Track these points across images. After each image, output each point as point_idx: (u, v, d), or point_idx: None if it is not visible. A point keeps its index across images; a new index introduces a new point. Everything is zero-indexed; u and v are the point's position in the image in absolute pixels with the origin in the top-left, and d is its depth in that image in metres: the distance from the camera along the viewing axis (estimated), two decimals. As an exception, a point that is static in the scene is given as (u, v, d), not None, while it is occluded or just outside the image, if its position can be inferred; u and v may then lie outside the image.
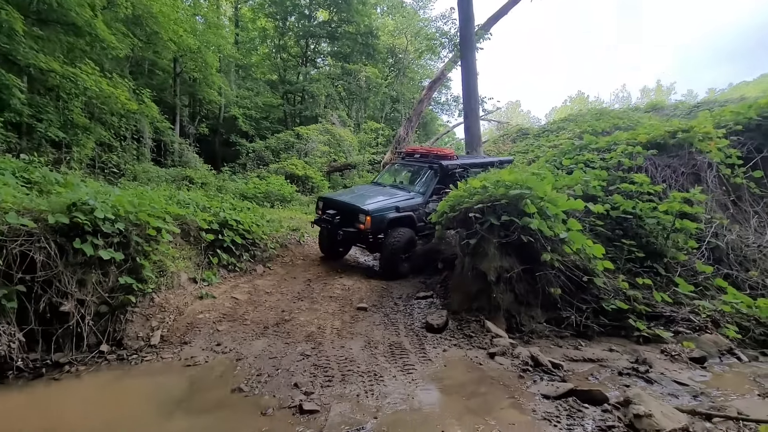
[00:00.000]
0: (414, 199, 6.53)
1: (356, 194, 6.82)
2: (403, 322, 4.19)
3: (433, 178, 6.90)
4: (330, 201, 6.56)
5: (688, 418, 2.21)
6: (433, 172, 6.97)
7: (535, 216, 4.22)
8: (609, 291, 4.36)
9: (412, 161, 7.68)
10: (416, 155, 7.71)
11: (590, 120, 14.16)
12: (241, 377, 3.01)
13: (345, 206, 6.23)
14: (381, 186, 7.46)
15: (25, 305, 3.47)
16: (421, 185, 6.94)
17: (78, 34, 8.69)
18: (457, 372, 3.03)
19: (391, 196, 6.56)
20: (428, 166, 7.15)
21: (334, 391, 2.72)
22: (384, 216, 5.95)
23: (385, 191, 6.92)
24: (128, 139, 13.43)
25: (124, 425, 2.50)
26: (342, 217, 6.10)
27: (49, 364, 3.34)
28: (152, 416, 2.58)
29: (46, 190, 4.86)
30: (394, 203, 6.22)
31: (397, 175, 7.94)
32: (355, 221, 5.91)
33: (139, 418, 2.58)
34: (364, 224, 5.80)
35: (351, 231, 5.91)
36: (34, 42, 7.87)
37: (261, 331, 3.95)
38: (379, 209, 5.98)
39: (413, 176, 7.47)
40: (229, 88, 20.05)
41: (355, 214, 5.95)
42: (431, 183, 6.83)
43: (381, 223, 5.88)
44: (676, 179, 6.13)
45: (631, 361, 3.43)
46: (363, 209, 5.89)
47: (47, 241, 3.65)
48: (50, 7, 8.26)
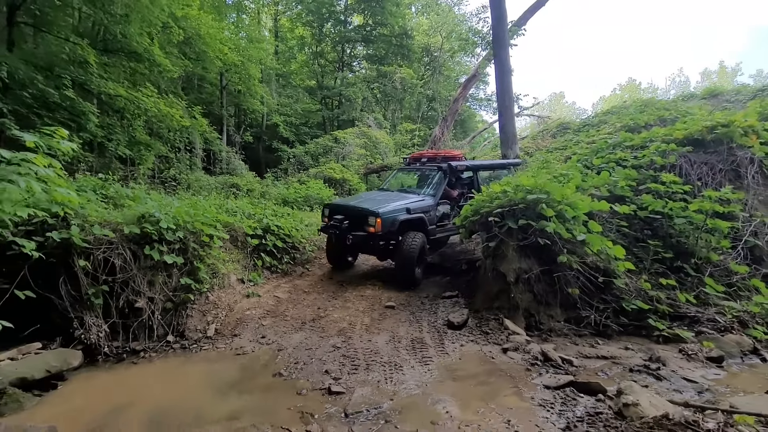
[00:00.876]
0: (424, 200, 6.44)
1: (364, 199, 6.76)
2: (427, 320, 4.57)
3: (442, 179, 6.85)
4: (337, 207, 6.47)
5: (680, 409, 2.43)
6: (442, 173, 6.91)
7: (552, 219, 4.44)
8: (630, 291, 4.47)
9: (418, 166, 7.63)
10: (423, 160, 7.65)
11: (633, 113, 13.61)
12: (282, 364, 3.54)
13: (353, 210, 6.11)
14: (389, 191, 7.36)
15: (108, 302, 4.23)
16: (430, 187, 6.88)
17: (138, 60, 9.81)
18: (470, 364, 3.37)
19: (401, 198, 6.48)
20: (436, 168, 7.08)
21: (359, 378, 3.17)
22: (395, 218, 5.82)
23: (393, 195, 6.86)
24: (182, 151, 14.78)
25: (189, 401, 3.09)
26: (350, 222, 5.93)
27: (128, 350, 4.06)
28: (210, 395, 3.15)
29: (119, 204, 5.73)
30: (404, 205, 6.11)
31: (404, 180, 7.83)
32: (365, 224, 5.75)
33: (200, 396, 3.16)
34: (374, 227, 5.65)
35: (361, 235, 5.73)
36: (103, 70, 9.03)
37: (299, 326, 4.49)
38: (389, 211, 5.86)
39: (421, 180, 7.41)
40: (270, 97, 21.24)
41: (364, 217, 5.80)
42: (440, 185, 6.79)
43: (392, 225, 5.76)
44: (713, 177, 5.99)
45: (644, 359, 3.59)
46: (373, 211, 5.75)
47: (124, 248, 4.40)
48: (115, 38, 9.44)
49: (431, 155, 7.66)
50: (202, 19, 11.11)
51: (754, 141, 6.06)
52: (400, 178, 7.97)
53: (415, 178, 7.64)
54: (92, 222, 4.36)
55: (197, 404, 2.98)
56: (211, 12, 12.38)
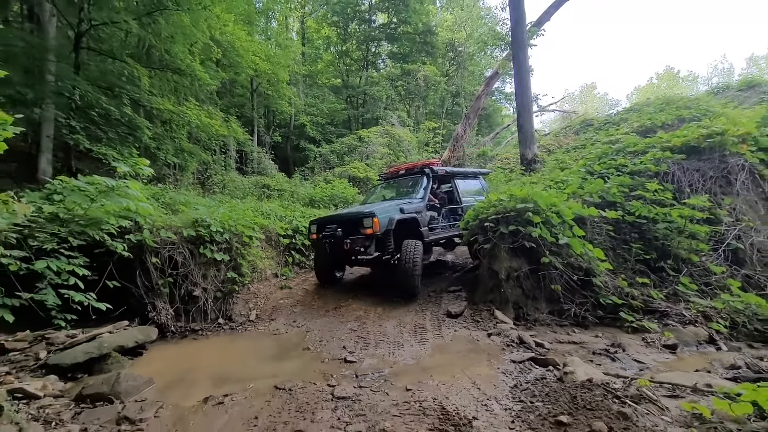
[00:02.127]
0: (413, 203, 6.48)
1: (352, 209, 6.86)
2: (431, 310, 5.45)
3: (426, 182, 6.97)
4: (325, 220, 6.46)
5: (606, 377, 3.22)
6: (426, 177, 7.07)
7: (539, 225, 5.20)
8: (608, 288, 5.19)
9: (398, 176, 7.76)
10: (400, 173, 7.78)
11: (653, 111, 13.78)
12: (309, 342, 4.54)
13: (346, 217, 6.14)
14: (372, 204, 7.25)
15: (173, 291, 5.37)
16: (415, 191, 6.93)
17: (182, 75, 11.07)
18: (458, 345, 4.25)
19: (390, 202, 6.58)
20: (419, 172, 7.27)
21: (369, 352, 4.11)
22: (391, 217, 5.85)
23: (381, 203, 6.88)
24: (217, 153, 16.18)
25: (239, 366, 4.12)
26: (344, 229, 5.95)
27: (189, 330, 5.19)
28: (255, 362, 4.18)
29: (174, 209, 6.91)
30: (396, 205, 6.19)
31: (386, 193, 7.78)
32: (360, 228, 5.76)
33: (247, 363, 4.19)
34: (372, 228, 5.63)
35: (358, 238, 5.74)
36: (152, 87, 10.33)
37: (323, 313, 5.48)
38: (383, 210, 5.94)
39: (404, 188, 7.45)
40: (298, 98, 22.44)
41: (359, 221, 5.81)
42: (426, 187, 6.90)
43: (390, 224, 5.79)
44: (703, 183, 6.51)
45: (607, 344, 4.34)
46: (368, 213, 5.77)
47: (183, 247, 5.53)
48: (161, 56, 10.73)
49: (408, 167, 7.78)
50: (236, 34, 12.26)
51: (744, 149, 6.53)
52: (381, 192, 7.92)
53: (398, 189, 7.59)
54: (159, 227, 5.50)
55: (245, 368, 4.01)
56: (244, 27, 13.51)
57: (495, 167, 17.13)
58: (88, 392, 3.20)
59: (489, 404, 2.81)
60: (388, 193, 7.64)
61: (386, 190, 7.83)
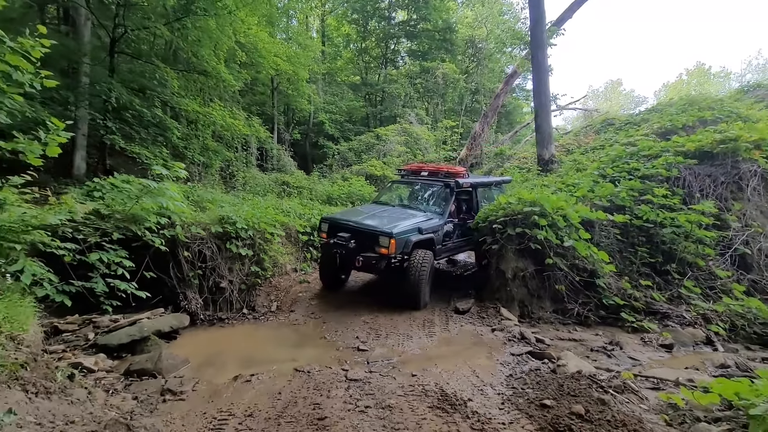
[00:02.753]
0: (433, 219, 6.26)
1: (369, 215, 6.38)
2: (440, 306, 5.82)
3: (449, 197, 6.68)
4: (340, 223, 6.10)
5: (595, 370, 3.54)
6: (449, 190, 6.76)
7: (545, 228, 5.49)
8: (612, 289, 5.45)
9: (419, 179, 7.39)
10: (423, 173, 7.42)
11: (675, 112, 13.66)
12: (326, 332, 4.98)
13: (362, 229, 5.81)
14: (389, 206, 6.99)
15: (202, 283, 5.89)
16: (437, 205, 6.74)
17: (207, 76, 11.66)
18: (463, 338, 4.61)
19: (410, 216, 6.23)
20: (443, 184, 6.91)
21: (380, 342, 4.52)
22: (408, 239, 5.64)
23: (398, 212, 6.55)
24: (239, 150, 16.83)
25: (262, 351, 4.59)
26: (358, 242, 5.67)
27: (217, 318, 5.69)
28: (276, 347, 4.64)
29: (202, 206, 7.46)
30: (415, 224, 5.91)
31: (403, 193, 7.55)
32: (375, 245, 5.52)
33: (269, 348, 4.65)
34: (387, 248, 5.40)
35: (372, 257, 5.51)
36: (180, 88, 10.96)
37: (339, 306, 5.92)
38: (402, 231, 5.64)
39: (424, 195, 7.21)
40: (317, 96, 22.96)
41: (375, 238, 5.56)
42: (448, 202, 6.62)
43: (405, 246, 5.58)
44: (714, 189, 6.65)
45: (605, 342, 4.64)
46: (386, 231, 5.50)
47: (211, 243, 6.04)
48: (188, 58, 11.35)
49: (432, 169, 7.47)
50: (259, 36, 12.79)
51: (757, 155, 6.63)
52: (398, 191, 7.70)
53: (417, 193, 7.39)
54: (189, 223, 6.02)
55: (268, 353, 4.47)
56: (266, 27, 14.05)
57: (512, 167, 17.26)
58: (134, 368, 3.72)
59: (484, 389, 3.18)
60: (406, 196, 7.41)
61: (404, 191, 7.60)
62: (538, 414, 2.68)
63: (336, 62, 28.07)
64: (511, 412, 2.76)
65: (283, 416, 2.74)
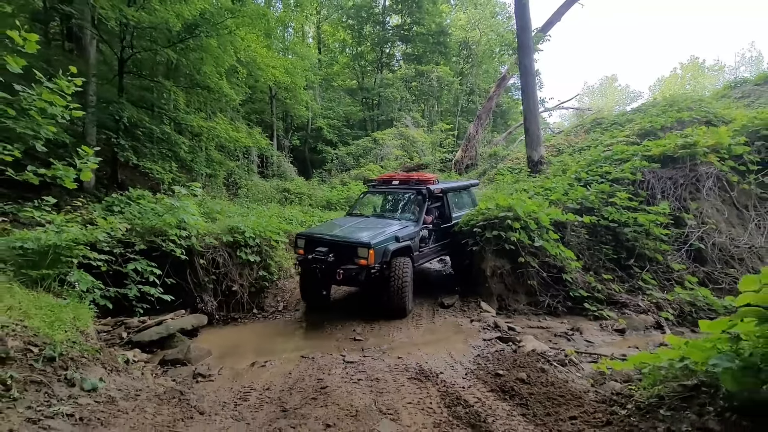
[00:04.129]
0: (408, 227, 6.45)
1: (345, 227, 6.47)
2: (428, 302, 6.62)
3: (422, 203, 6.91)
4: (316, 238, 6.15)
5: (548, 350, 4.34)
6: (422, 197, 6.99)
7: (518, 230, 6.29)
8: (577, 283, 6.25)
9: (391, 188, 7.56)
10: (393, 182, 7.59)
11: (656, 113, 14.43)
12: (327, 327, 5.79)
13: (339, 242, 5.89)
14: (363, 217, 7.22)
15: (216, 287, 6.71)
16: (411, 212, 6.95)
17: (210, 91, 12.50)
18: (445, 328, 5.42)
19: (386, 226, 6.39)
20: (415, 192, 7.13)
21: (373, 334, 5.32)
22: (386, 248, 5.79)
23: (374, 222, 6.75)
24: (241, 158, 17.68)
25: (272, 343, 5.38)
26: (336, 255, 5.76)
27: (230, 318, 6.51)
28: (285, 341, 5.45)
29: (212, 217, 8.28)
30: (392, 233, 6.08)
31: (377, 203, 7.76)
32: (354, 257, 5.65)
33: (278, 341, 5.45)
34: (366, 259, 5.53)
35: (352, 269, 5.62)
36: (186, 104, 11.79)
37: (339, 306, 6.73)
38: (380, 241, 5.76)
39: (397, 204, 7.44)
40: (314, 102, 23.80)
41: (353, 249, 5.68)
42: (421, 209, 6.84)
43: (384, 255, 5.73)
44: (674, 190, 7.44)
45: (568, 329, 5.43)
46: (364, 242, 5.64)
47: (223, 251, 6.86)
48: (192, 75, 12.19)
49: (403, 178, 7.66)
50: (257, 51, 13.62)
51: (711, 159, 7.42)
52: (371, 201, 7.92)
53: (388, 201, 7.67)
54: (203, 234, 6.84)
55: (278, 344, 5.29)
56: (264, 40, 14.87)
57: (505, 167, 18.05)
58: (168, 358, 4.54)
59: (455, 366, 3.99)
60: (380, 205, 7.68)
61: (377, 201, 7.85)
62: (491, 380, 3.48)
63: (332, 68, 28.91)
64: (471, 380, 3.56)
65: (294, 388, 3.55)
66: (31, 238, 4.14)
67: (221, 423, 2.79)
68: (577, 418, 2.73)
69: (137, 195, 8.55)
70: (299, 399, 3.25)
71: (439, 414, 2.94)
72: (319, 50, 27.54)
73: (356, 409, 2.95)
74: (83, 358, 2.91)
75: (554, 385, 3.24)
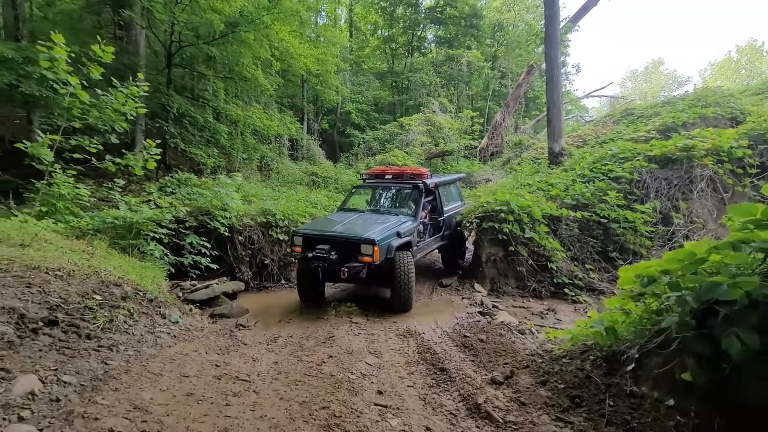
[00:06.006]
0: (407, 222, 6.59)
1: (344, 223, 6.51)
2: (430, 282, 7.80)
3: (418, 198, 7.12)
4: (317, 236, 6.15)
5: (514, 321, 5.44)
6: (419, 192, 7.21)
7: (511, 223, 7.30)
8: (562, 271, 7.23)
9: (386, 182, 7.75)
10: (386, 176, 7.77)
11: (683, 107, 14.60)
12: (341, 298, 7.09)
13: (341, 239, 5.94)
14: (359, 212, 7.40)
15: (252, 260, 8.15)
16: (409, 207, 7.17)
17: (246, 82, 13.87)
18: (439, 303, 6.60)
19: (386, 221, 6.50)
20: (412, 186, 7.35)
21: (379, 305, 6.59)
22: (390, 244, 5.86)
23: (373, 217, 6.85)
24: (273, 142, 19.16)
25: (295, 307, 6.74)
26: (339, 252, 5.79)
27: (263, 286, 7.95)
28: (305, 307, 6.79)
29: (248, 200, 9.72)
30: (394, 229, 6.18)
31: (371, 198, 7.97)
32: (357, 254, 5.71)
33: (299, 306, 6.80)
34: (371, 256, 5.59)
35: (357, 266, 5.70)
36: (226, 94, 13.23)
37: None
38: (384, 237, 5.83)
39: (394, 198, 7.66)
40: (344, 87, 24.88)
41: (356, 246, 5.74)
42: (418, 204, 7.04)
43: (389, 252, 5.79)
44: (668, 190, 8.16)
45: (544, 309, 6.49)
46: (368, 239, 5.68)
47: (258, 230, 8.27)
48: (231, 69, 13.57)
49: (396, 172, 7.90)
50: (290, 42, 14.82)
51: (707, 162, 8.07)
52: (364, 196, 8.16)
53: (383, 195, 7.88)
54: (241, 215, 8.26)
55: (300, 308, 6.64)
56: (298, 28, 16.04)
57: (529, 157, 18.65)
58: (217, 312, 5.98)
59: (435, 329, 5.19)
60: (374, 201, 7.87)
61: (374, 195, 8.06)
62: (459, 339, 4.65)
63: (363, 51, 29.74)
64: (444, 339, 4.75)
65: (310, 337, 4.86)
66: (119, 216, 5.60)
67: (259, 351, 4.12)
68: (509, 363, 3.87)
69: (185, 178, 10.09)
70: (313, 342, 4.55)
71: (411, 356, 4.16)
72: (351, 34, 28.39)
73: (352, 349, 4.20)
74: (167, 302, 4.31)
75: (503, 344, 4.38)
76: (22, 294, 2.87)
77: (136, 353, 3.00)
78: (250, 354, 3.90)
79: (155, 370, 2.77)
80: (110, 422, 2.00)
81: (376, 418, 2.71)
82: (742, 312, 2.20)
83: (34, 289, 2.99)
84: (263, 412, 2.51)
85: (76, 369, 2.40)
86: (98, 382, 2.35)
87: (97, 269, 3.84)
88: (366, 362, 3.88)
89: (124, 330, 3.23)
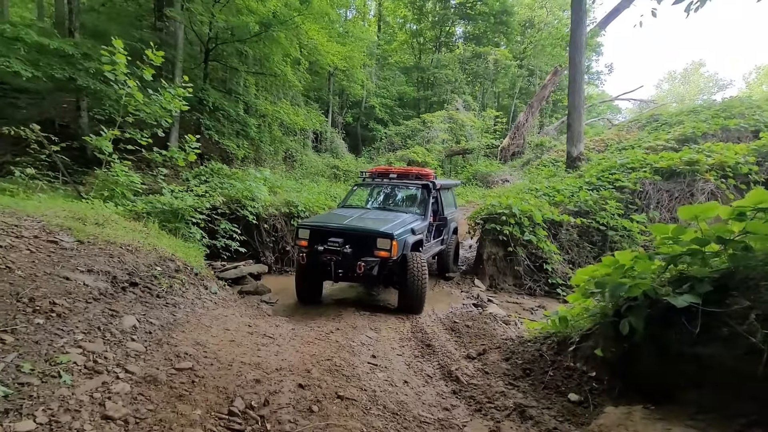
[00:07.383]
0: (418, 221, 6.61)
1: (354, 217, 6.37)
2: (434, 276, 8.67)
3: (427, 198, 7.26)
4: (329, 229, 5.95)
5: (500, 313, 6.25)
6: (427, 191, 7.36)
7: (512, 225, 8.07)
8: (556, 272, 7.97)
9: (392, 181, 7.88)
10: (391, 175, 7.93)
11: (706, 117, 14.79)
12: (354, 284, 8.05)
13: (357, 231, 5.80)
14: (363, 209, 7.41)
15: (275, 246, 9.21)
16: (417, 206, 7.31)
17: (275, 77, 14.91)
18: (439, 295, 7.47)
19: (397, 218, 6.44)
20: (421, 185, 7.48)
21: (387, 293, 7.50)
22: (406, 240, 5.83)
23: (382, 213, 6.87)
24: (297, 134, 20.25)
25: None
26: (353, 246, 5.63)
27: (284, 270, 9.00)
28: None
29: (274, 191, 10.77)
30: (408, 225, 6.15)
31: (374, 196, 8.10)
32: (373, 248, 5.58)
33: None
34: (389, 251, 5.45)
35: (374, 261, 5.55)
36: (256, 89, 14.32)
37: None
38: (401, 233, 5.76)
39: (401, 197, 7.81)
40: (369, 82, 25.72)
41: (372, 240, 5.61)
42: (427, 204, 7.17)
43: (405, 248, 5.73)
44: (668, 202, 8.73)
45: (535, 306, 7.27)
46: (386, 233, 5.57)
47: (281, 219, 9.31)
48: (262, 65, 14.63)
49: (401, 171, 8.07)
50: (318, 39, 15.77)
51: (709, 176, 8.59)
52: (366, 194, 8.31)
53: (389, 194, 7.99)
54: (268, 205, 9.31)
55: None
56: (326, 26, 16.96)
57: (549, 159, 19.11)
58: (245, 290, 7.03)
59: (430, 315, 6.06)
60: (380, 199, 7.96)
61: (374, 194, 8.19)
62: (448, 324, 5.52)
63: (390, 44, 30.45)
64: (435, 323, 5.63)
65: (322, 315, 5.82)
66: (165, 202, 6.69)
67: (280, 321, 5.10)
68: (485, 344, 4.74)
69: (217, 168, 11.22)
70: (324, 319, 5.51)
71: (404, 334, 5.07)
72: (379, 27, 29.13)
73: (356, 325, 5.14)
74: (207, 277, 5.35)
75: (485, 330, 5.23)
76: (108, 262, 3.91)
77: (192, 311, 4.02)
78: (273, 322, 4.89)
79: (206, 323, 3.77)
80: (184, 349, 3.00)
81: (367, 371, 3.64)
82: (638, 305, 3.01)
83: (114, 259, 4.03)
84: (284, 357, 3.47)
85: (155, 316, 3.41)
86: (171, 326, 3.35)
87: (156, 246, 4.90)
88: (366, 335, 4.81)
89: (180, 294, 4.25)
